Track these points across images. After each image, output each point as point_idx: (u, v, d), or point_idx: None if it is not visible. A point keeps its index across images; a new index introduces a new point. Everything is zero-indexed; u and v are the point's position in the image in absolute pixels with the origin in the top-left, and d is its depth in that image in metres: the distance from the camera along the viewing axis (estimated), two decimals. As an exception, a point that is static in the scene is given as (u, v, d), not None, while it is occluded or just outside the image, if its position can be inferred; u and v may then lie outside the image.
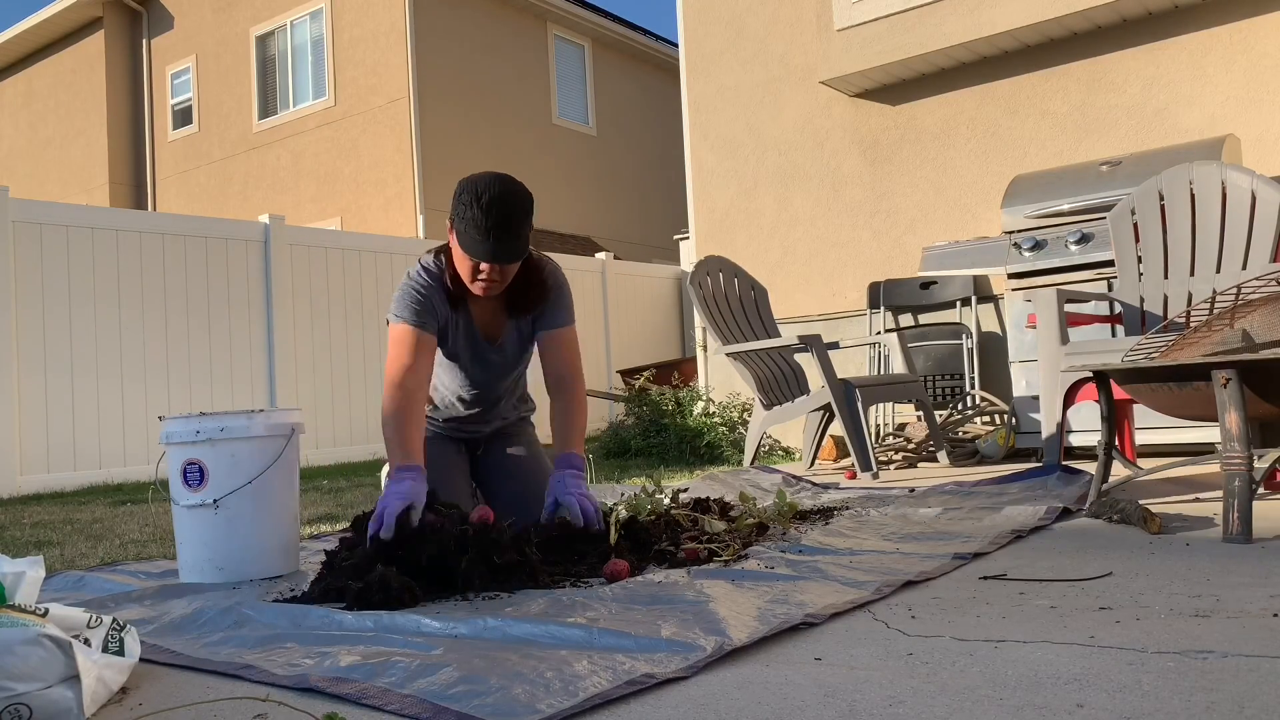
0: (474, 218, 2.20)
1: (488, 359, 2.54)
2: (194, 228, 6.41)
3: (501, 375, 2.60)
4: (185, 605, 1.99)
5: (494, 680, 1.31)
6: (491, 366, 2.56)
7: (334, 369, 7.01)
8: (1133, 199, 3.66)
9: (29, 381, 5.59)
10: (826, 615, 1.61)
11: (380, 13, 12.39)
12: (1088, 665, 1.28)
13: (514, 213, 2.23)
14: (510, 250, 2.24)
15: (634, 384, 6.46)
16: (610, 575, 1.99)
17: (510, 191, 2.24)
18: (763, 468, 4.23)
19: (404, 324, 2.35)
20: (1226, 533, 2.15)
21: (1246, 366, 2.20)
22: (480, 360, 2.54)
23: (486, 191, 2.21)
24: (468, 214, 2.21)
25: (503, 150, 13.12)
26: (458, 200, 2.25)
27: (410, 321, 2.35)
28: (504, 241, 2.22)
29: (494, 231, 2.20)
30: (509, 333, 2.53)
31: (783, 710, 1.17)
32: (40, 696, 1.20)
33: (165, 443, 2.35)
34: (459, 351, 2.51)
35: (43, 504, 4.74)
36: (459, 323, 2.47)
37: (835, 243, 6.20)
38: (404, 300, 2.38)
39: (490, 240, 2.21)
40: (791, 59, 6.38)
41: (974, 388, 5.37)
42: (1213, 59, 4.93)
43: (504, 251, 2.23)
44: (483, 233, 2.20)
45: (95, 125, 15.41)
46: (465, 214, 2.22)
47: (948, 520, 2.64)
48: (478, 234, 2.21)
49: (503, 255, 2.24)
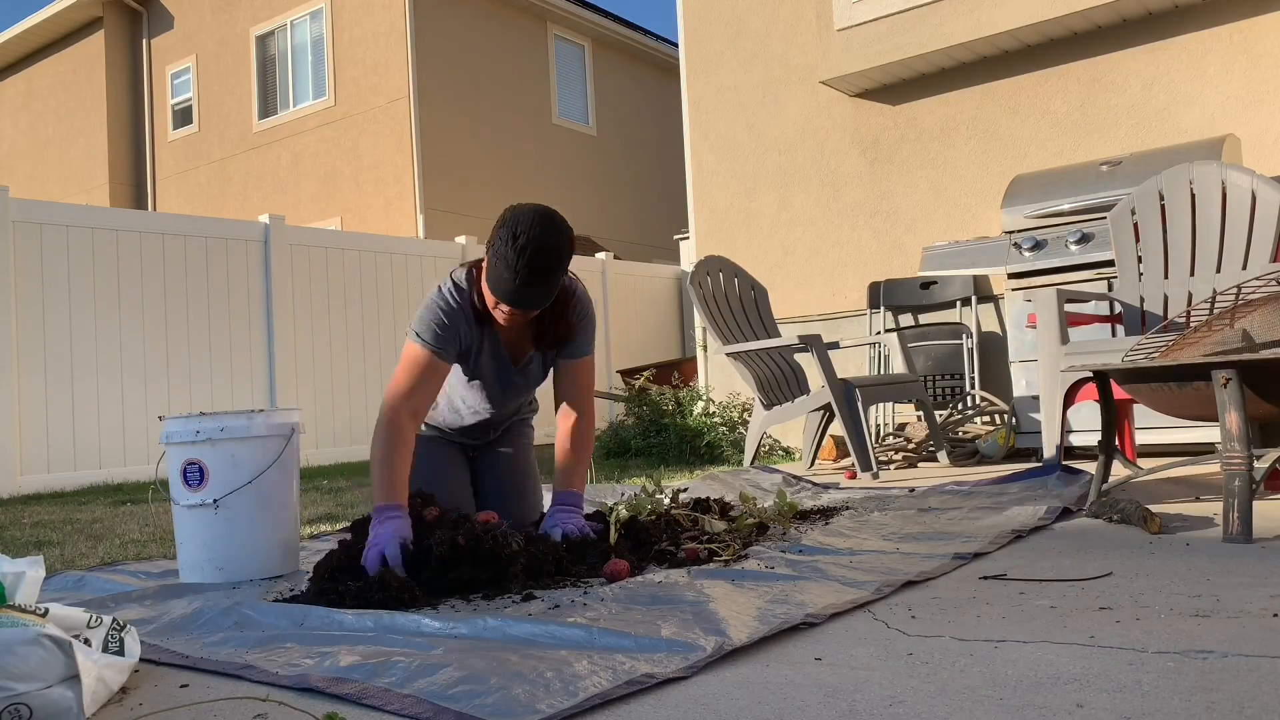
0: (507, 257, 2.09)
1: (511, 380, 2.49)
2: (194, 228, 6.41)
3: (521, 395, 2.58)
4: (185, 605, 1.99)
5: (494, 680, 1.31)
6: (513, 387, 2.52)
7: (334, 369, 7.01)
8: (1133, 199, 3.66)
9: (29, 381, 5.59)
10: (826, 615, 1.61)
11: (380, 13, 12.39)
12: (1088, 665, 1.28)
13: (549, 261, 2.11)
14: (537, 297, 2.14)
15: (634, 384, 6.46)
16: (610, 575, 1.99)
17: (550, 236, 2.11)
18: (763, 468, 4.23)
19: (422, 347, 2.26)
20: (1226, 533, 2.15)
21: (1246, 366, 2.20)
22: (503, 381, 2.48)
23: (525, 234, 2.09)
24: (502, 250, 2.10)
25: (503, 150, 13.12)
26: (497, 232, 2.14)
27: (429, 346, 2.25)
28: (532, 287, 2.11)
29: (523, 275, 2.09)
30: (534, 356, 2.48)
31: (783, 710, 1.17)
32: (40, 696, 1.20)
33: (165, 443, 2.35)
34: (483, 373, 2.45)
35: (43, 504, 4.74)
36: (484, 344, 2.39)
37: (835, 242, 6.19)
38: (428, 321, 2.28)
39: (517, 283, 2.10)
40: (791, 59, 6.38)
41: (974, 388, 5.37)
42: (1213, 59, 4.93)
43: (529, 298, 2.14)
44: (512, 274, 2.10)
45: (95, 125, 15.41)
46: (500, 249, 2.11)
47: (948, 520, 2.64)
48: (506, 273, 2.10)
49: (526, 302, 2.14)
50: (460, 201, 12.43)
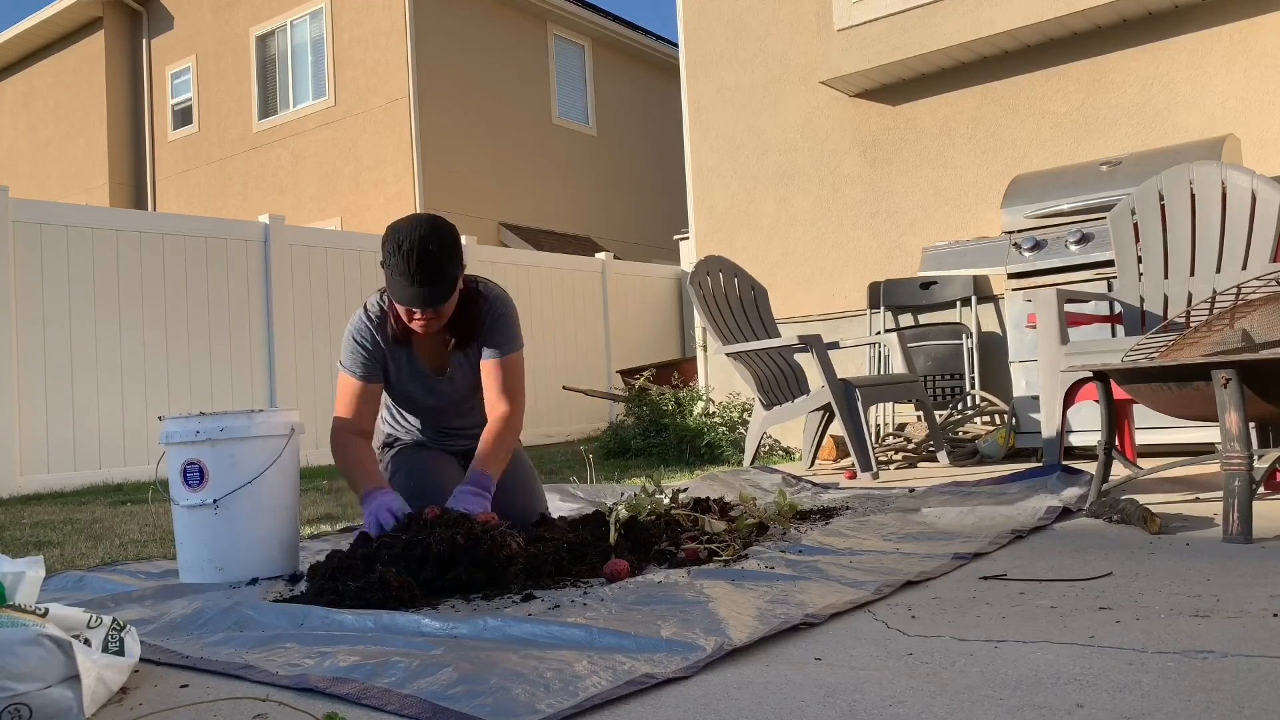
0: (398, 265, 2.26)
1: (438, 390, 2.59)
2: (194, 228, 6.41)
3: (458, 403, 2.64)
4: (185, 605, 1.99)
5: (494, 680, 1.31)
6: (443, 397, 2.60)
7: (334, 369, 7.01)
8: (1133, 199, 3.66)
9: (29, 381, 5.59)
10: (826, 615, 1.61)
11: (380, 13, 12.39)
12: (1088, 665, 1.28)
13: (436, 258, 2.26)
14: (435, 295, 2.29)
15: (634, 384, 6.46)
16: (610, 575, 1.99)
17: (430, 237, 2.27)
18: (763, 468, 4.23)
19: (348, 375, 2.48)
20: (1226, 533, 2.15)
21: (1246, 366, 2.20)
22: (432, 393, 2.59)
23: (407, 239, 2.26)
24: (393, 261, 2.27)
25: (503, 150, 13.12)
26: (384, 247, 2.31)
27: (354, 374, 2.47)
28: (428, 286, 2.27)
29: (417, 277, 2.25)
30: (456, 364, 2.57)
31: (783, 710, 1.17)
32: (40, 696, 1.20)
33: (165, 443, 2.35)
34: (408, 386, 2.57)
35: (43, 504, 4.74)
36: (403, 360, 2.53)
37: (835, 243, 6.20)
38: (348, 350, 2.49)
39: (414, 286, 2.26)
40: (791, 59, 6.38)
41: (974, 388, 5.37)
42: (1213, 59, 4.93)
43: (431, 296, 2.28)
44: (407, 279, 2.26)
45: (95, 125, 15.41)
46: (391, 261, 2.28)
47: (948, 520, 2.64)
48: (403, 280, 2.26)
49: (427, 300, 2.28)
50: (460, 201, 12.43)
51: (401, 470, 2.61)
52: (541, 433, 7.91)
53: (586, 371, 8.82)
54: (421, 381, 2.56)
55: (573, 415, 8.54)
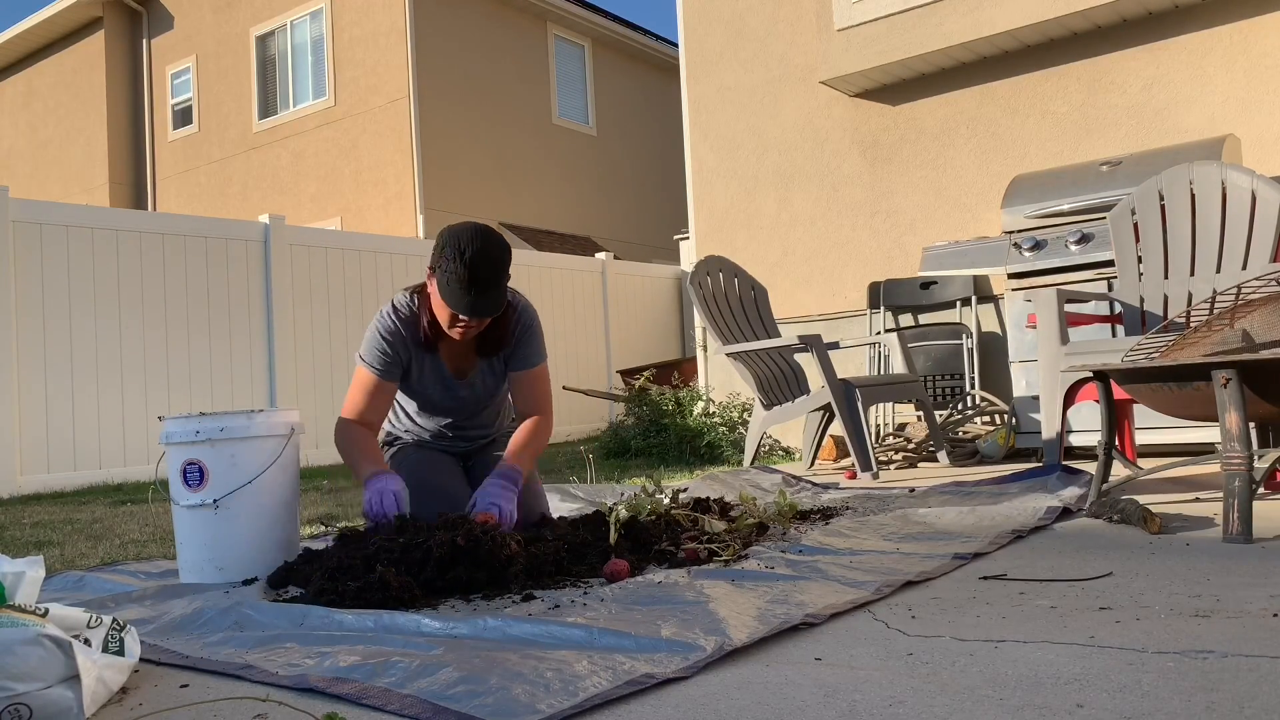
0: (457, 272, 2.28)
1: (458, 395, 2.60)
2: (194, 228, 6.41)
3: (476, 409, 2.67)
4: (185, 605, 1.99)
5: (494, 680, 1.31)
6: (463, 402, 2.62)
7: (334, 369, 7.01)
8: (1133, 199, 3.66)
9: (29, 381, 5.59)
10: (826, 615, 1.61)
11: (380, 13, 12.39)
12: (1088, 665, 1.28)
13: (495, 269, 2.31)
14: (491, 304, 2.33)
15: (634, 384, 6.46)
16: (610, 575, 1.99)
17: (492, 246, 2.32)
18: (763, 468, 4.23)
19: (368, 370, 2.47)
20: (1226, 533, 2.15)
21: (1246, 366, 2.20)
22: (451, 396, 2.61)
23: (469, 246, 2.29)
24: (450, 267, 2.29)
25: (503, 150, 13.12)
26: (441, 252, 2.33)
27: (374, 369, 2.47)
28: (485, 295, 2.31)
29: (475, 286, 2.29)
30: (479, 370, 2.59)
31: (783, 710, 1.17)
32: (40, 696, 1.20)
33: (165, 443, 2.35)
34: (428, 388, 2.58)
35: (43, 504, 4.74)
36: (426, 363, 2.54)
37: (835, 243, 6.20)
38: (371, 346, 2.48)
39: (472, 295, 2.30)
40: (791, 59, 6.38)
41: (974, 388, 5.37)
42: (1213, 59, 4.93)
43: (485, 306, 2.32)
44: (465, 287, 2.29)
45: (95, 125, 15.41)
46: (448, 267, 2.30)
47: (948, 520, 2.64)
48: (460, 288, 2.29)
49: (483, 309, 2.32)
50: (460, 202, 12.43)
51: (402, 469, 2.62)
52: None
53: (586, 371, 8.82)
54: (442, 385, 2.57)
55: (573, 415, 8.54)
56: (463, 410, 2.65)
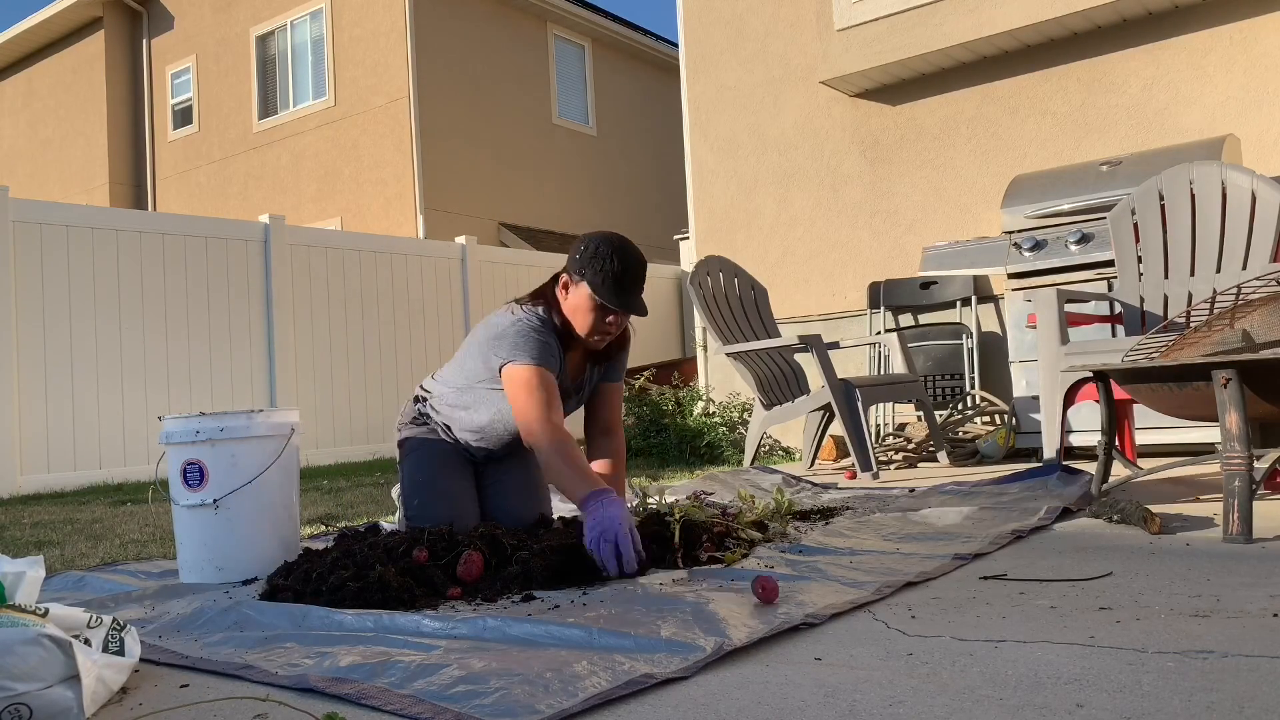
0: (613, 272, 2.37)
1: (567, 397, 2.63)
2: (194, 228, 6.41)
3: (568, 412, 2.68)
4: (185, 605, 1.99)
5: (494, 680, 1.31)
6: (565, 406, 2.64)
7: (334, 369, 7.01)
8: (1133, 199, 3.66)
9: (29, 381, 5.59)
10: (827, 615, 1.61)
11: (380, 13, 12.39)
12: (1088, 665, 1.28)
13: (643, 268, 2.45)
14: (642, 303, 2.44)
15: (634, 384, 6.47)
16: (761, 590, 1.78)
17: (634, 247, 2.46)
18: (763, 468, 4.23)
19: (534, 366, 2.37)
20: (1226, 533, 2.15)
21: (1246, 366, 2.20)
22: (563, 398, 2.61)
23: (624, 249, 2.41)
24: (609, 268, 2.37)
25: (503, 150, 13.12)
26: (593, 255, 2.39)
27: (540, 363, 2.38)
28: (639, 294, 2.41)
29: (635, 286, 2.40)
30: (585, 379, 2.65)
31: (783, 710, 1.17)
32: (40, 696, 1.20)
33: (165, 443, 2.35)
34: None
35: (43, 504, 4.74)
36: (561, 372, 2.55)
37: (835, 243, 6.20)
38: (527, 344, 2.39)
39: (631, 295, 2.39)
40: (791, 59, 6.38)
41: (974, 388, 5.37)
42: (1213, 59, 4.93)
43: (640, 304, 2.42)
44: (626, 287, 2.38)
45: (95, 125, 15.41)
46: (606, 268, 2.37)
47: (948, 520, 2.64)
48: (618, 288, 2.37)
49: (640, 307, 2.41)
50: (460, 201, 12.43)
51: (415, 456, 2.59)
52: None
53: (586, 371, 8.80)
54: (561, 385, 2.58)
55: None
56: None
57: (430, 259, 7.74)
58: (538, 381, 2.35)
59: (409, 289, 7.56)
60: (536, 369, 2.36)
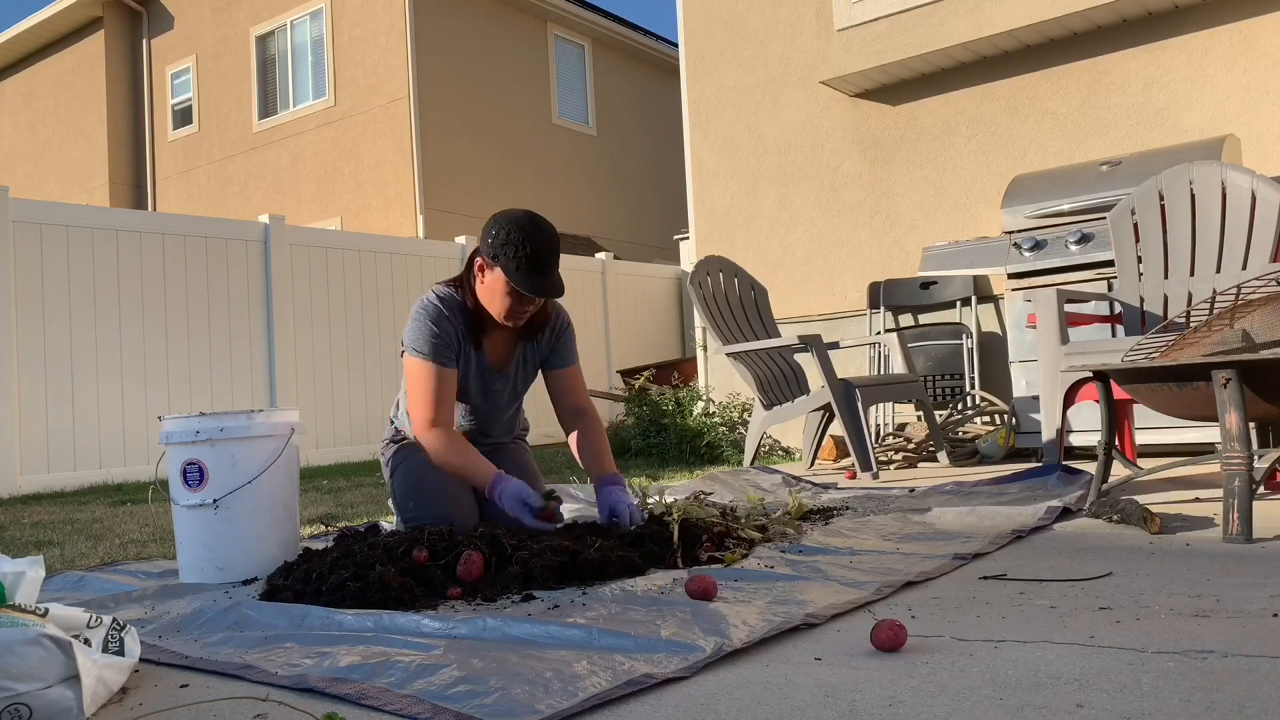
0: (525, 254, 2.31)
1: (493, 389, 2.60)
2: (194, 228, 6.41)
3: (504, 405, 2.67)
4: (185, 605, 1.99)
5: (493, 680, 1.31)
6: (495, 396, 2.62)
7: (334, 369, 7.01)
8: (1133, 199, 3.66)
9: (29, 381, 5.59)
10: (827, 615, 1.61)
11: (380, 13, 12.39)
12: (1088, 665, 1.28)
13: (557, 249, 2.38)
14: (557, 284, 2.37)
15: (634, 384, 6.46)
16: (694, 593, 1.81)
17: (548, 226, 2.38)
18: (763, 468, 4.23)
19: (425, 361, 2.40)
20: (1226, 533, 2.15)
21: (1246, 366, 2.20)
22: (486, 391, 2.60)
23: (535, 230, 2.33)
24: (519, 251, 2.31)
25: (503, 150, 13.12)
26: (504, 238, 2.33)
27: (431, 358, 2.40)
28: (552, 275, 2.36)
29: (545, 267, 2.33)
30: (515, 363, 2.60)
31: (783, 710, 1.17)
32: (40, 696, 1.20)
33: (165, 443, 2.35)
34: (468, 383, 2.57)
35: (43, 504, 4.74)
36: (470, 355, 2.52)
37: (835, 243, 6.20)
38: (422, 334, 2.42)
39: (544, 275, 2.33)
40: (791, 59, 6.38)
41: (974, 388, 5.37)
42: (1213, 59, 4.93)
43: (553, 286, 2.35)
44: (536, 269, 2.32)
45: (95, 125, 15.41)
46: (516, 251, 2.31)
47: (948, 520, 2.64)
48: (531, 269, 2.32)
49: (552, 289, 2.35)
50: (460, 201, 12.43)
51: (409, 468, 2.61)
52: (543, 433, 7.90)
53: (587, 371, 8.81)
54: (481, 378, 2.57)
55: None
56: (493, 408, 2.64)
57: (430, 259, 7.74)
58: (424, 376, 2.40)
59: (409, 289, 7.56)
60: (428, 364, 2.40)
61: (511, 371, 2.61)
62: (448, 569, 1.98)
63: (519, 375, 2.63)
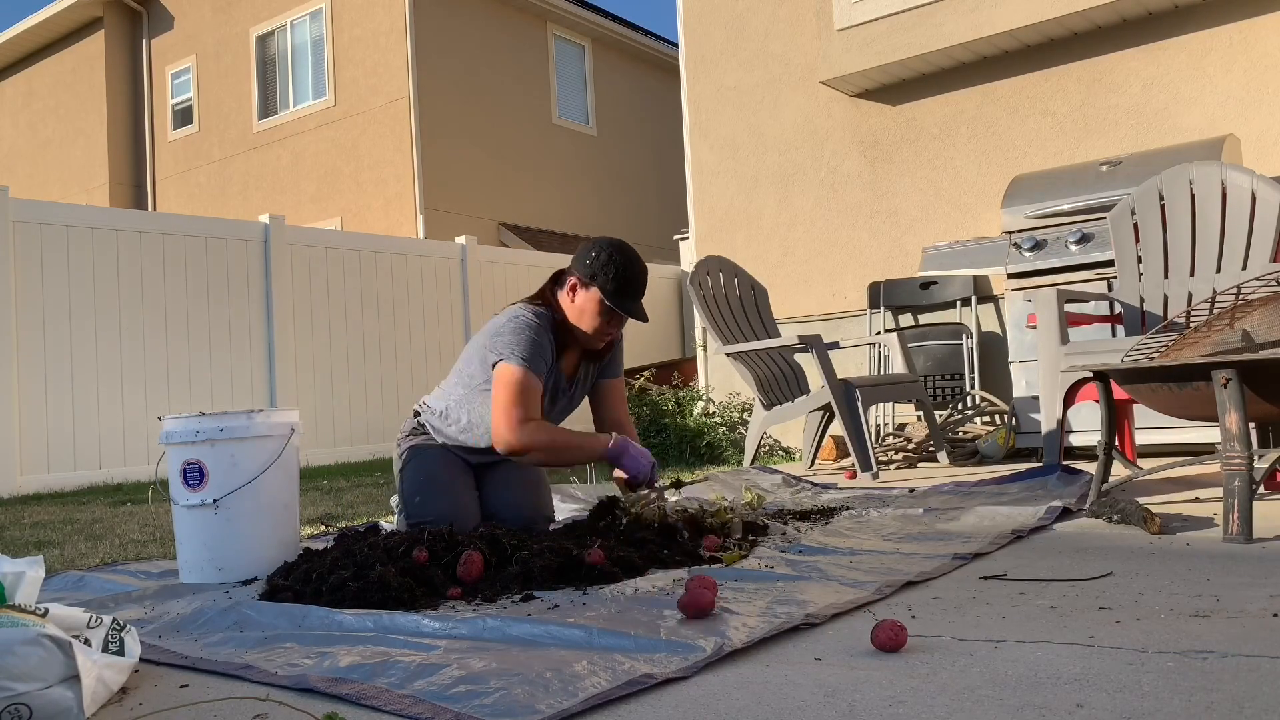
0: (626, 280, 2.49)
1: (559, 401, 2.71)
2: (194, 228, 6.41)
3: (560, 416, 2.77)
4: (185, 605, 1.99)
5: (493, 680, 1.31)
6: (560, 404, 2.73)
7: (334, 369, 7.01)
8: (1133, 199, 3.66)
9: (29, 381, 5.59)
10: (827, 615, 1.61)
11: (380, 13, 12.39)
12: (1088, 665, 1.28)
13: (646, 277, 2.57)
14: (644, 311, 2.54)
15: (634, 384, 6.46)
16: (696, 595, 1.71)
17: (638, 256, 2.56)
18: (763, 468, 4.23)
19: (525, 369, 2.47)
20: (1226, 533, 2.15)
21: (1246, 366, 2.20)
22: (554, 402, 2.69)
23: (633, 259, 2.51)
24: (619, 275, 2.49)
25: (503, 150, 13.12)
26: (605, 259, 2.50)
27: (530, 367, 2.48)
28: (640, 302, 2.53)
29: (640, 294, 2.52)
30: (580, 377, 2.72)
31: (783, 710, 1.17)
32: (40, 696, 1.20)
33: (165, 443, 2.35)
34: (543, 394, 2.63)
35: (43, 504, 4.74)
36: (553, 370, 2.62)
37: (835, 243, 6.20)
38: (523, 344, 2.49)
39: (634, 300, 2.51)
40: (791, 59, 6.38)
41: (974, 388, 5.37)
42: (1213, 59, 4.93)
43: (643, 311, 2.53)
44: (632, 293, 2.50)
45: (95, 125, 15.41)
46: (616, 274, 2.49)
47: (948, 520, 2.64)
48: (627, 295, 2.50)
49: (643, 314, 2.52)
50: (460, 201, 12.43)
51: (415, 460, 2.61)
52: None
53: (586, 371, 8.80)
54: (554, 390, 2.66)
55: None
56: (554, 413, 2.74)
57: (430, 259, 7.74)
58: (518, 383, 2.46)
59: (409, 289, 7.56)
60: (523, 372, 2.47)
61: (575, 386, 2.72)
62: (448, 569, 1.98)
63: (578, 389, 2.74)
